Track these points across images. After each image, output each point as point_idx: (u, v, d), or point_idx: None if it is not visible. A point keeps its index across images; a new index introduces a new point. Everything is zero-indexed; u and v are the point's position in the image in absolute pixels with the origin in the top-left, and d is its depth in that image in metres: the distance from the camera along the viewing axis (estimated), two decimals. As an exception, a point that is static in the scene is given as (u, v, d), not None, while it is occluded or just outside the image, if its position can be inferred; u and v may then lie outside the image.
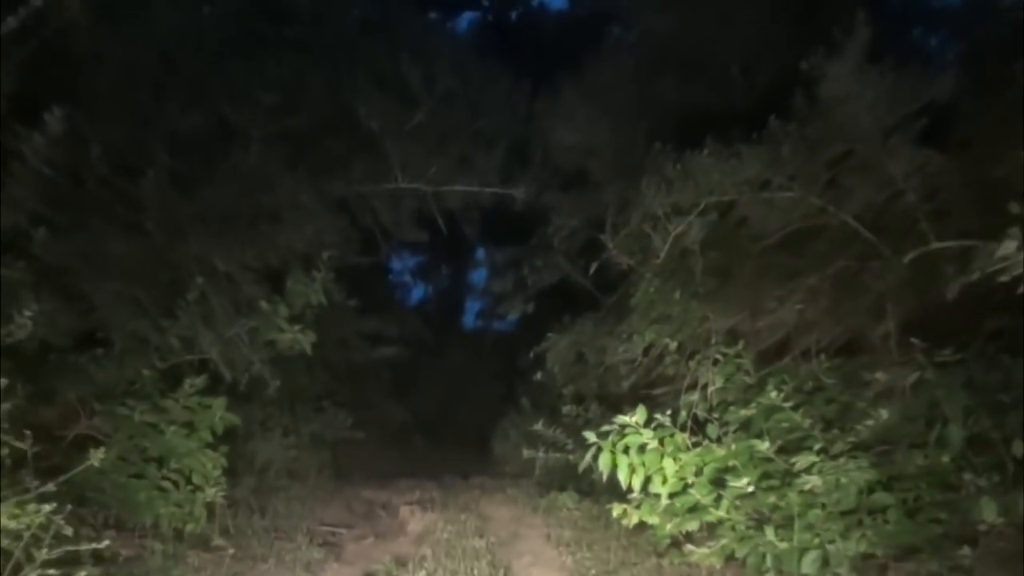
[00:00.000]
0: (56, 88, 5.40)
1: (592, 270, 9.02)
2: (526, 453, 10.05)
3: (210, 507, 7.58)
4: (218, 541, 7.50)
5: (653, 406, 7.63)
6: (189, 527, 7.36)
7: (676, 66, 9.57)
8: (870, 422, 6.22)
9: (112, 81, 7.76)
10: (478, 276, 20.38)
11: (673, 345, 8.03)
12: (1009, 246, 4.28)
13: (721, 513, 6.69)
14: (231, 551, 7.29)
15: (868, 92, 6.43)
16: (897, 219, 6.61)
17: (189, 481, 7.45)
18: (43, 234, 6.17)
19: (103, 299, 7.20)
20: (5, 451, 4.27)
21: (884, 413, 6.16)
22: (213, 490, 7.42)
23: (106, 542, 4.77)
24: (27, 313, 4.47)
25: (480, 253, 19.54)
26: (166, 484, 7.29)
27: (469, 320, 21.56)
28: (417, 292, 21.65)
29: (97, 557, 5.39)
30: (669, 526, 6.98)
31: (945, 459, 6.04)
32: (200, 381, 7.58)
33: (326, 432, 11.41)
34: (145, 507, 7.08)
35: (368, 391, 14.46)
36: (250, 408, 8.91)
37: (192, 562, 6.98)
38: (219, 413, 7.65)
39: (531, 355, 10.98)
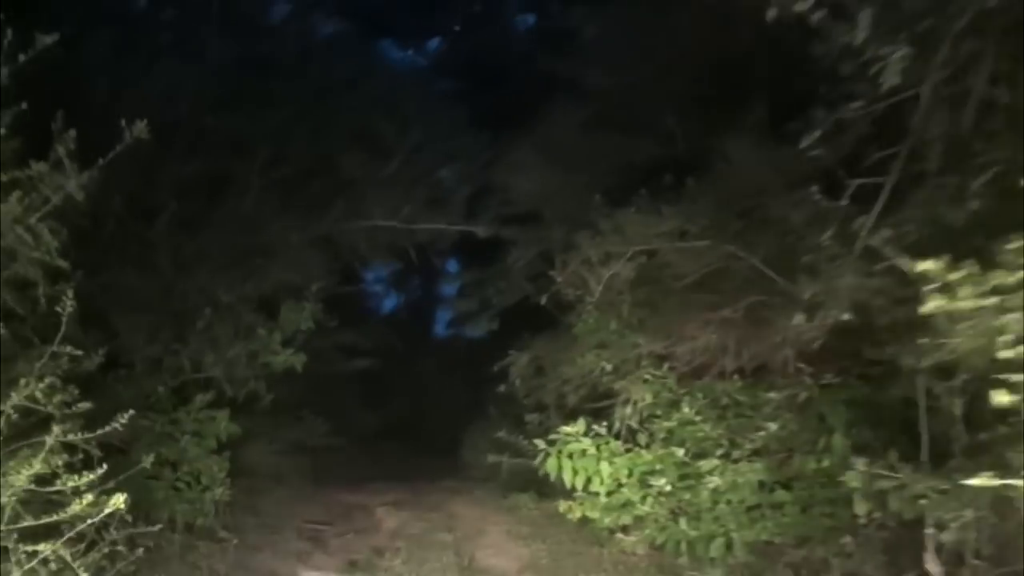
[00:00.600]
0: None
1: (544, 300, 10.51)
2: (491, 458, 11.15)
3: (216, 505, 9.04)
4: (222, 534, 8.97)
5: (600, 416, 9.34)
6: (199, 521, 8.83)
7: (617, 123, 11.09)
8: (762, 433, 8.03)
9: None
10: (449, 287, 21.29)
11: (609, 367, 9.49)
12: (799, 318, 5.96)
13: (646, 508, 8.35)
14: (234, 542, 8.77)
15: (769, 159, 8.09)
16: (798, 261, 8.23)
17: (198, 482, 8.92)
18: (80, 275, 7.72)
19: (125, 327, 8.87)
20: (80, 456, 5.88)
21: (772, 426, 7.87)
22: (220, 489, 8.91)
23: (159, 526, 6.49)
24: (100, 351, 6.07)
25: (451, 265, 20.43)
26: (180, 485, 8.78)
27: (440, 329, 22.51)
28: (389, 302, 22.78)
29: (131, 544, 6.96)
30: (607, 520, 8.60)
31: (827, 463, 7.74)
32: (208, 397, 9.11)
33: (305, 439, 12.70)
34: (163, 504, 8.62)
35: (343, 400, 15.70)
36: (244, 419, 10.25)
37: (203, 551, 8.49)
38: (223, 424, 9.13)
39: (495, 368, 11.90)
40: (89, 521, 4.91)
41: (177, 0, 10.97)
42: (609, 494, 8.64)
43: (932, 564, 5.94)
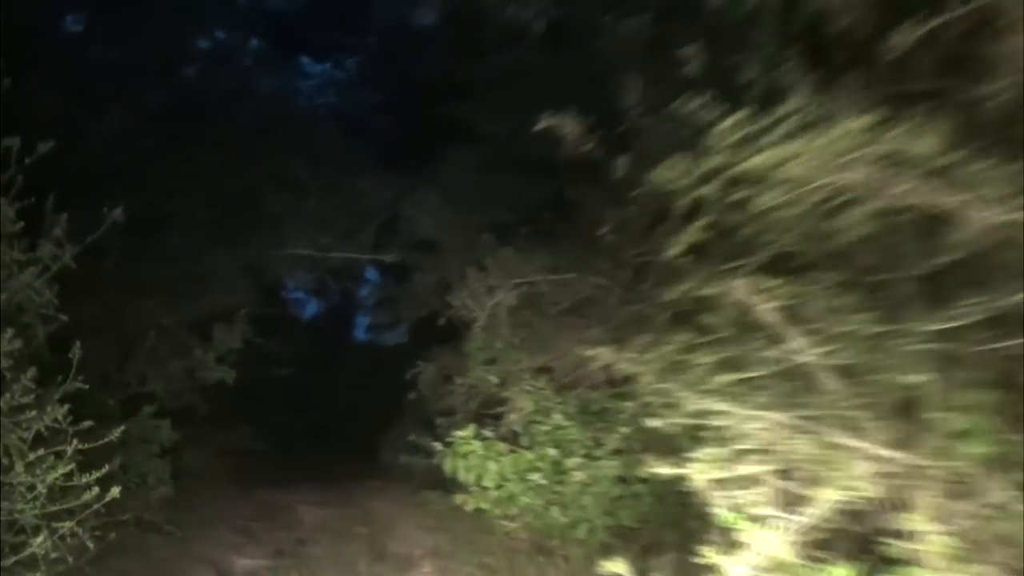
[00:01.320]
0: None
1: (442, 321, 12.66)
2: (404, 459, 12.80)
3: (160, 502, 10.65)
4: (167, 528, 10.59)
5: (498, 420, 11.26)
6: (146, 516, 10.29)
7: (505, 166, 13.11)
8: (617, 435, 10.27)
9: (76, 180, 11.39)
10: (367, 294, 23.00)
11: (497, 380, 11.41)
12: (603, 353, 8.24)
13: (526, 499, 10.25)
14: (178, 535, 10.54)
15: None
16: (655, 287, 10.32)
17: (145, 482, 10.55)
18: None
19: (81, 349, 10.84)
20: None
21: (625, 429, 10.16)
22: (164, 489, 10.61)
23: (129, 515, 8.62)
24: (80, 378, 8.14)
25: (369, 272, 21.69)
26: (130, 484, 10.21)
27: (360, 334, 23.91)
28: (310, 308, 24.18)
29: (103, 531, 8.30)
30: (495, 510, 10.54)
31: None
32: (152, 408, 10.59)
33: (235, 444, 14.45)
34: (116, 501, 10.55)
35: (266, 405, 17.24)
36: (182, 427, 11.51)
37: (151, 542, 10.27)
38: (166, 432, 10.73)
39: (407, 376, 13.62)
40: (95, 507, 7.04)
41: (117, 52, 12.98)
42: (497, 488, 10.40)
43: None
